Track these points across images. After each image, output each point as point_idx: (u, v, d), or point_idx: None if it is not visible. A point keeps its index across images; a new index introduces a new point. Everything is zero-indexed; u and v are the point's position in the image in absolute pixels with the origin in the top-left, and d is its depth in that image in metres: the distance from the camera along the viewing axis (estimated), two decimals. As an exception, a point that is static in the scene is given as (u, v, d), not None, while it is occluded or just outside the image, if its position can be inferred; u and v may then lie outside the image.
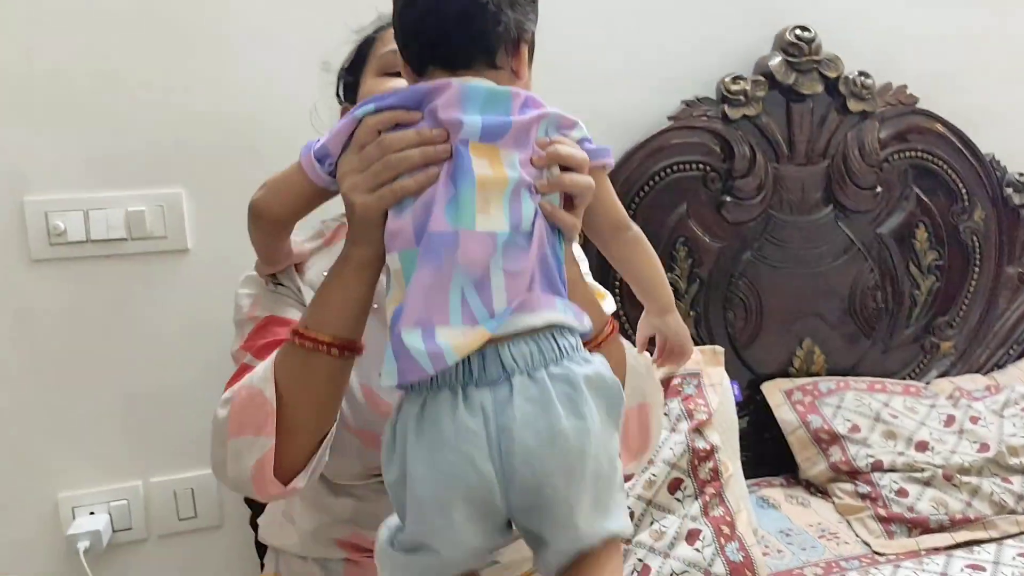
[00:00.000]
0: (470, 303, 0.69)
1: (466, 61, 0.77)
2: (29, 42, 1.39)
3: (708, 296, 1.73)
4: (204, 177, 1.49)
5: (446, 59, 0.77)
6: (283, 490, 0.85)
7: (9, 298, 1.43)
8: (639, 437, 0.95)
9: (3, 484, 1.46)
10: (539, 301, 0.72)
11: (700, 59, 1.72)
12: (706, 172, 1.69)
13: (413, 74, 0.80)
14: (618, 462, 0.74)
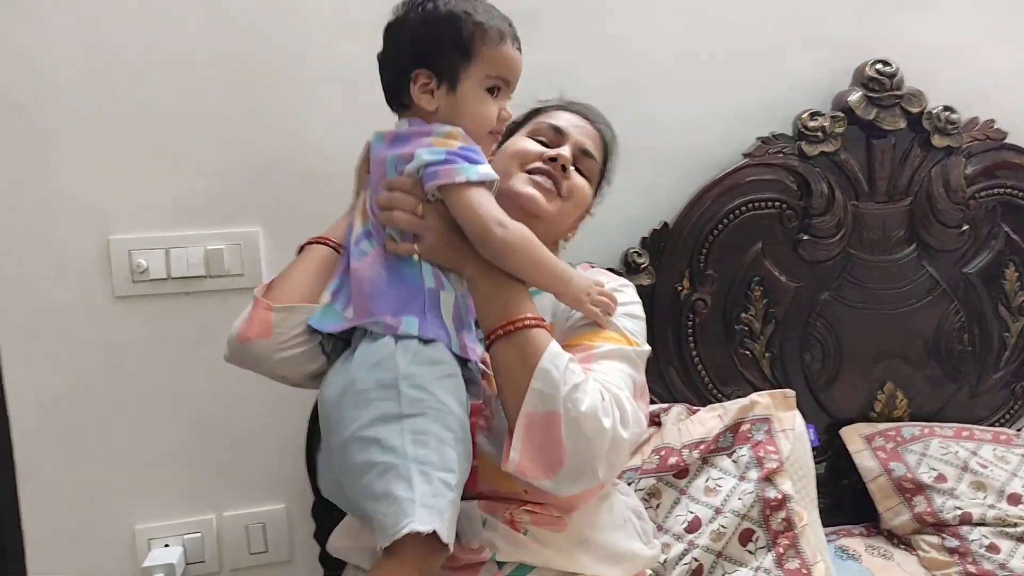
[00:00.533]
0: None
1: (394, 107, 1.12)
2: (114, 87, 1.45)
3: (784, 337, 1.68)
4: (279, 216, 1.52)
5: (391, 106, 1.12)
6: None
7: (95, 333, 1.48)
8: (547, 448, 0.96)
9: (83, 514, 1.49)
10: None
11: (776, 95, 1.69)
12: (782, 210, 1.65)
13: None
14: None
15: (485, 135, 1.08)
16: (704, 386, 1.64)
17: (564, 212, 1.18)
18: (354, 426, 0.94)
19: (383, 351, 0.97)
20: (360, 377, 0.97)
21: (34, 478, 1.47)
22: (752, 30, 1.69)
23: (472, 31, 1.04)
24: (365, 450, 0.92)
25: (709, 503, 1.36)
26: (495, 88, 1.07)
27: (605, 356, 1.06)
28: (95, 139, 1.45)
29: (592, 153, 1.22)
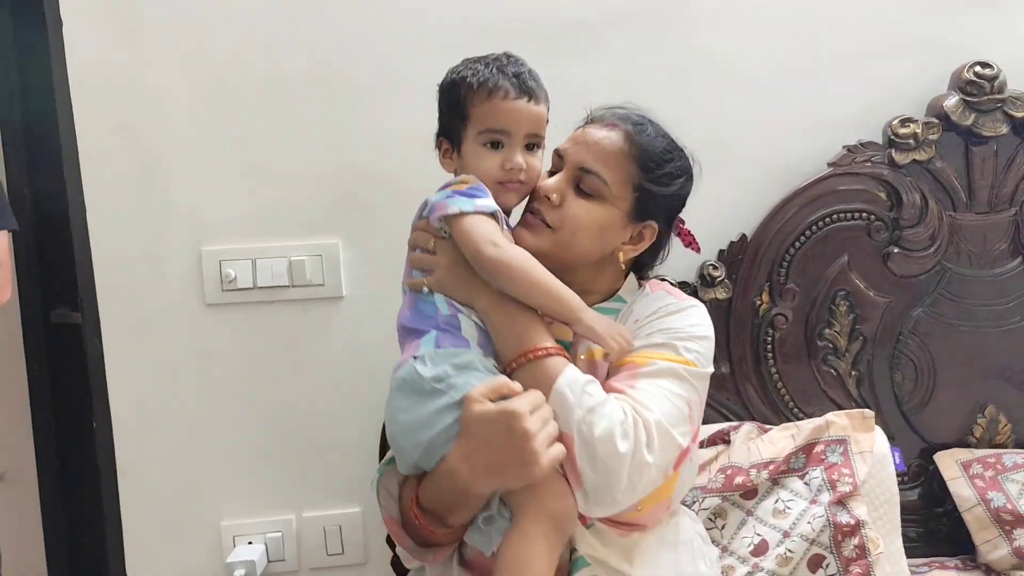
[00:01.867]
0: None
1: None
2: (213, 107, 1.54)
3: (873, 355, 1.60)
4: (358, 228, 1.57)
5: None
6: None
7: (188, 339, 1.57)
8: (567, 469, 1.00)
9: (175, 509, 1.59)
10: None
11: (865, 102, 1.62)
12: (870, 221, 1.57)
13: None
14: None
15: (495, 186, 1.11)
16: (784, 404, 1.58)
17: (563, 243, 1.11)
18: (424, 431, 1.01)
19: (406, 373, 1.04)
20: (398, 404, 1.04)
21: (133, 474, 1.58)
22: (841, 35, 1.62)
23: (465, 93, 1.11)
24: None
25: (777, 526, 1.31)
26: (495, 142, 1.10)
27: (650, 375, 1.04)
28: (193, 156, 1.55)
29: (592, 168, 1.11)
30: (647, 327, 1.11)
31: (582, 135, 1.16)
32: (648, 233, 1.16)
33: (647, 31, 1.60)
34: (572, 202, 1.12)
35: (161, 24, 1.52)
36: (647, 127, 1.15)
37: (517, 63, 1.13)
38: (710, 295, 1.56)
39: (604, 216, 1.12)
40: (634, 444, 0.96)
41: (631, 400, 1.01)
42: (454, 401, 0.99)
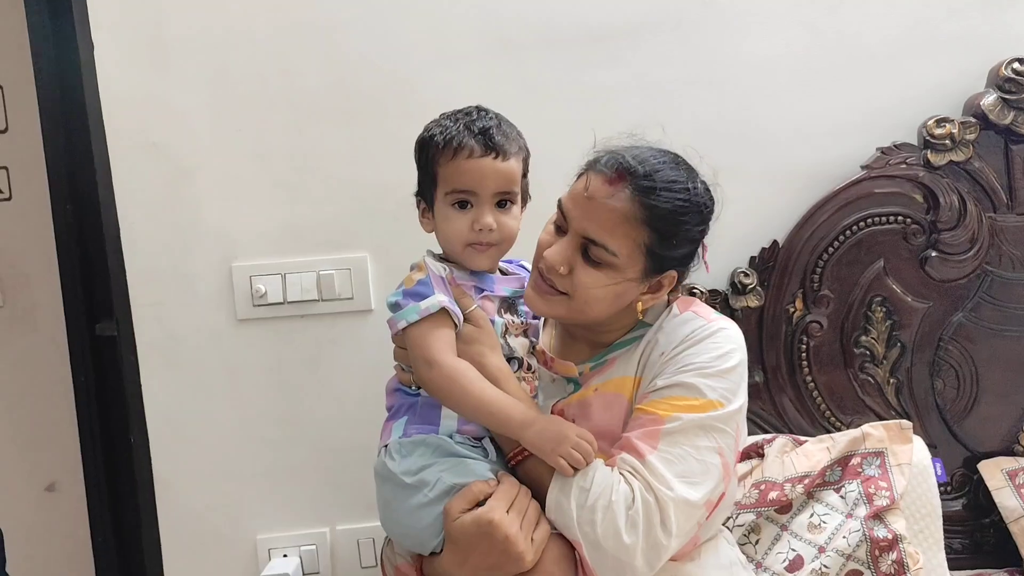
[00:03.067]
0: None
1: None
2: (239, 127, 1.56)
3: (912, 362, 1.56)
4: (386, 242, 1.58)
5: None
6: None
7: (219, 354, 1.59)
8: (585, 564, 1.00)
9: (211, 522, 1.61)
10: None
11: (899, 102, 1.57)
12: (906, 225, 1.53)
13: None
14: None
15: (465, 249, 1.11)
16: (820, 413, 1.55)
17: (578, 309, 1.08)
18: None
19: (380, 466, 1.11)
20: (382, 496, 1.11)
21: (169, 488, 1.60)
22: (872, 33, 1.59)
23: (432, 153, 1.11)
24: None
25: (812, 541, 1.28)
26: (463, 202, 1.09)
27: (673, 433, 1.02)
28: (221, 175, 1.57)
29: (598, 240, 1.04)
30: (673, 362, 1.07)
31: (585, 197, 1.06)
32: (667, 281, 1.11)
33: (672, 37, 1.57)
34: (581, 271, 1.07)
35: (187, 46, 1.55)
36: (656, 183, 1.04)
37: (486, 117, 1.11)
38: (741, 303, 1.53)
39: (616, 283, 1.07)
40: (645, 529, 0.97)
41: (647, 473, 0.99)
42: (429, 499, 1.02)
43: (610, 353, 1.15)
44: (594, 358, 1.16)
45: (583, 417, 1.11)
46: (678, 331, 1.10)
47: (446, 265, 1.13)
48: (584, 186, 1.07)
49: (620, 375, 1.12)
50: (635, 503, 0.97)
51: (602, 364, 1.15)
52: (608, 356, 1.14)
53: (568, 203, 1.09)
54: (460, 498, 1.00)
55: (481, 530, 0.97)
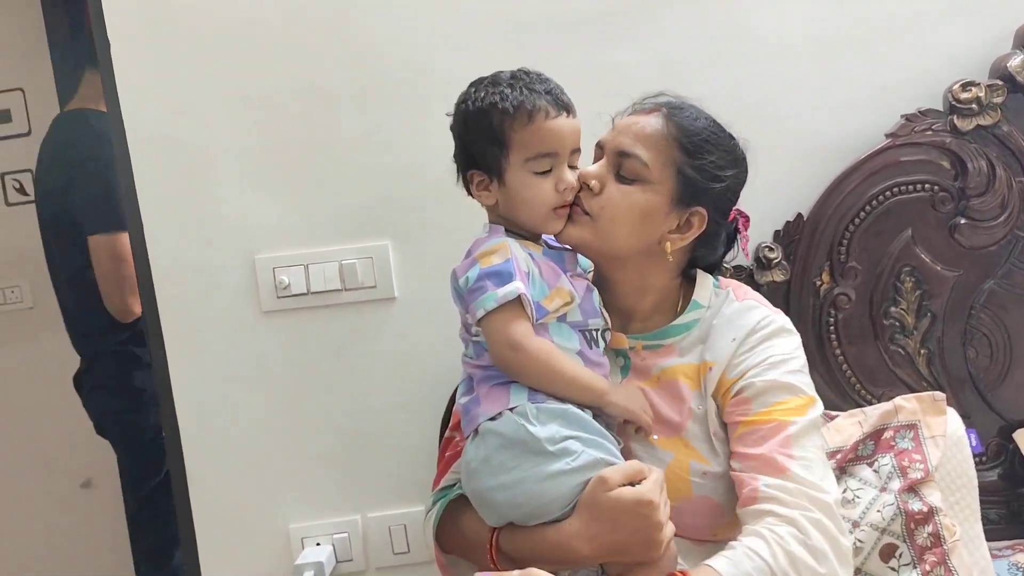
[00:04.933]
0: None
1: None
2: (257, 118, 1.56)
3: (943, 332, 1.53)
4: (407, 229, 1.58)
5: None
6: None
7: (245, 346, 1.59)
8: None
9: (243, 513, 1.62)
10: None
11: (922, 68, 1.54)
12: (934, 192, 1.51)
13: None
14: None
15: (549, 213, 1.09)
16: (851, 387, 1.53)
17: (602, 231, 1.09)
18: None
19: (511, 428, 1.04)
20: (499, 460, 1.04)
21: (201, 480, 1.61)
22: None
23: (501, 120, 1.06)
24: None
25: (846, 516, 1.26)
26: (545, 170, 1.07)
27: (800, 436, 1.03)
28: (241, 167, 1.57)
29: (632, 151, 1.09)
30: (756, 352, 1.09)
31: (621, 123, 1.14)
32: (696, 220, 1.11)
33: (689, 11, 1.55)
34: (612, 188, 1.10)
35: (202, 39, 1.55)
36: (686, 109, 1.13)
37: (542, 79, 1.10)
38: (767, 278, 1.52)
39: (645, 200, 1.09)
40: (831, 548, 0.97)
41: (799, 486, 0.99)
42: (570, 468, 0.99)
43: (667, 338, 1.14)
44: (646, 335, 1.15)
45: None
46: (745, 317, 1.11)
47: (526, 248, 1.10)
48: (626, 119, 1.14)
49: (683, 362, 1.12)
50: (809, 533, 0.96)
51: (658, 348, 1.14)
52: (666, 341, 1.14)
53: (605, 135, 1.15)
54: (618, 471, 0.99)
55: (639, 508, 0.96)
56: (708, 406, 1.09)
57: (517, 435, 1.01)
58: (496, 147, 1.07)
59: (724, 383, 1.08)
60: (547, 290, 1.07)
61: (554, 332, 1.07)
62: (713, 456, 1.08)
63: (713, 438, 1.08)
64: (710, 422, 1.08)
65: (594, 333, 1.11)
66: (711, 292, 1.16)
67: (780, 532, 0.96)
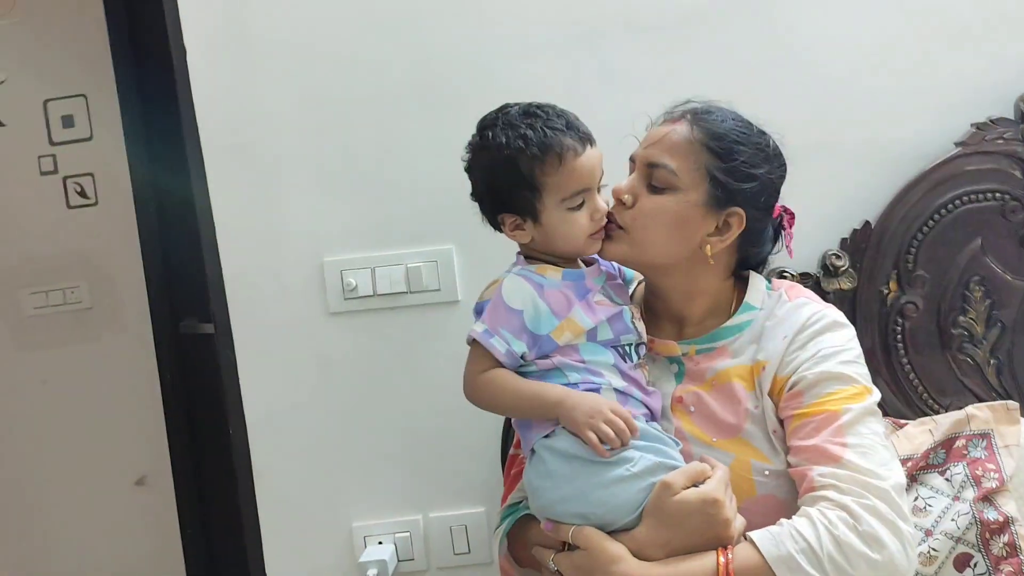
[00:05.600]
0: None
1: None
2: (325, 124, 1.60)
3: (1013, 342, 1.51)
4: (471, 234, 1.56)
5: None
6: None
7: (312, 347, 1.63)
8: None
9: (308, 510, 1.65)
10: None
11: (991, 74, 1.53)
12: (1004, 201, 1.49)
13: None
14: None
15: (587, 240, 1.11)
16: (918, 396, 1.52)
17: (637, 242, 1.11)
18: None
19: (567, 444, 1.06)
20: (559, 472, 1.07)
21: (267, 477, 1.65)
22: (964, 7, 1.54)
23: (531, 166, 1.07)
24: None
25: (919, 524, 1.26)
26: (578, 205, 1.09)
27: (854, 423, 1.03)
28: (309, 172, 1.61)
29: (659, 161, 1.10)
30: (805, 349, 1.09)
31: (650, 135, 1.16)
32: (735, 221, 1.12)
33: (755, 17, 1.56)
34: (644, 199, 1.11)
35: (273, 47, 1.59)
36: (713, 112, 1.13)
37: (559, 113, 1.11)
38: (834, 286, 1.51)
39: (677, 207, 1.10)
40: (889, 532, 0.97)
41: (853, 473, 0.99)
42: (631, 474, 1.01)
43: (719, 340, 1.15)
44: (699, 339, 1.16)
45: (702, 409, 1.12)
46: (796, 315, 1.12)
47: (533, 280, 1.11)
48: (656, 129, 1.16)
49: (736, 363, 1.12)
50: (861, 519, 0.96)
51: (711, 351, 1.15)
52: (718, 343, 1.15)
53: (636, 151, 1.16)
54: (681, 475, 1.00)
55: (704, 508, 0.98)
56: (765, 405, 1.09)
57: (573, 448, 1.04)
58: (528, 191, 1.09)
59: (778, 381, 1.09)
60: (556, 322, 1.09)
61: (585, 351, 1.09)
62: (774, 454, 1.08)
63: (772, 436, 1.09)
64: (768, 421, 1.09)
65: (627, 348, 1.12)
66: (763, 294, 1.17)
67: (830, 516, 0.97)
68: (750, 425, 1.09)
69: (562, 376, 1.08)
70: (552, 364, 1.09)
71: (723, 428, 1.10)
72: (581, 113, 1.20)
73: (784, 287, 1.18)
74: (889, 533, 0.96)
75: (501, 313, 1.08)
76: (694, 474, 1.02)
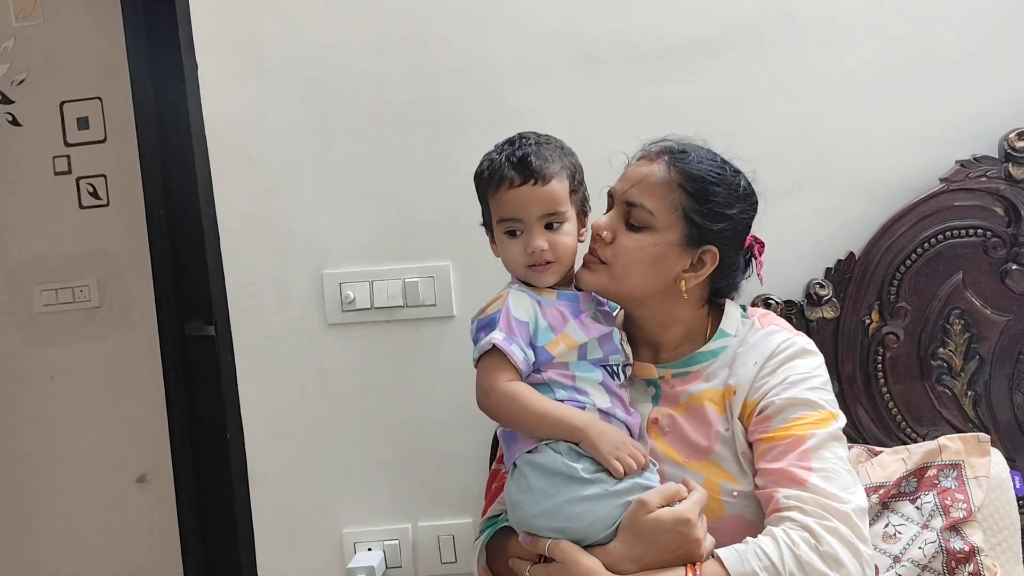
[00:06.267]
0: None
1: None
2: (330, 140, 1.65)
3: (991, 375, 1.55)
4: (467, 251, 1.64)
5: None
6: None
7: (311, 357, 1.68)
8: None
9: (301, 515, 1.70)
10: None
11: (978, 113, 1.57)
12: (986, 238, 1.53)
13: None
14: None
15: (525, 271, 1.17)
16: (896, 425, 1.55)
17: (617, 276, 1.16)
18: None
19: (549, 460, 1.10)
20: (539, 487, 1.11)
21: (263, 483, 1.70)
22: (952, 44, 1.58)
23: (482, 186, 1.19)
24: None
25: (887, 550, 1.30)
26: (512, 230, 1.16)
27: (819, 447, 1.08)
28: (313, 186, 1.66)
29: (638, 201, 1.15)
30: (775, 375, 1.14)
31: (629, 172, 1.20)
32: (708, 258, 1.17)
33: (752, 51, 1.60)
34: (623, 236, 1.16)
35: (283, 64, 1.64)
36: (689, 154, 1.18)
37: (526, 144, 1.16)
38: (817, 314, 1.55)
39: (654, 246, 1.15)
40: (847, 553, 1.01)
41: (817, 497, 1.04)
42: (609, 492, 1.06)
43: (694, 364, 1.19)
44: (675, 363, 1.20)
45: (675, 431, 1.17)
46: (767, 342, 1.17)
47: (533, 296, 1.17)
48: (629, 167, 1.21)
49: (708, 387, 1.17)
50: (822, 540, 1.01)
51: (686, 375, 1.19)
52: (692, 368, 1.19)
53: (615, 184, 1.21)
54: (657, 494, 1.05)
55: (677, 527, 1.03)
56: (735, 428, 1.14)
57: (554, 465, 1.08)
58: (484, 208, 1.22)
59: (748, 405, 1.14)
60: (552, 335, 1.14)
61: (575, 368, 1.14)
62: (742, 476, 1.13)
63: (741, 458, 1.13)
64: (738, 443, 1.14)
65: (615, 368, 1.17)
66: (738, 322, 1.22)
67: (793, 536, 1.01)
68: (720, 447, 1.14)
69: (550, 391, 1.13)
70: (542, 379, 1.13)
71: (695, 450, 1.15)
72: (577, 138, 1.27)
73: (757, 315, 1.24)
74: (849, 554, 1.00)
75: (513, 324, 1.13)
76: (669, 494, 1.06)
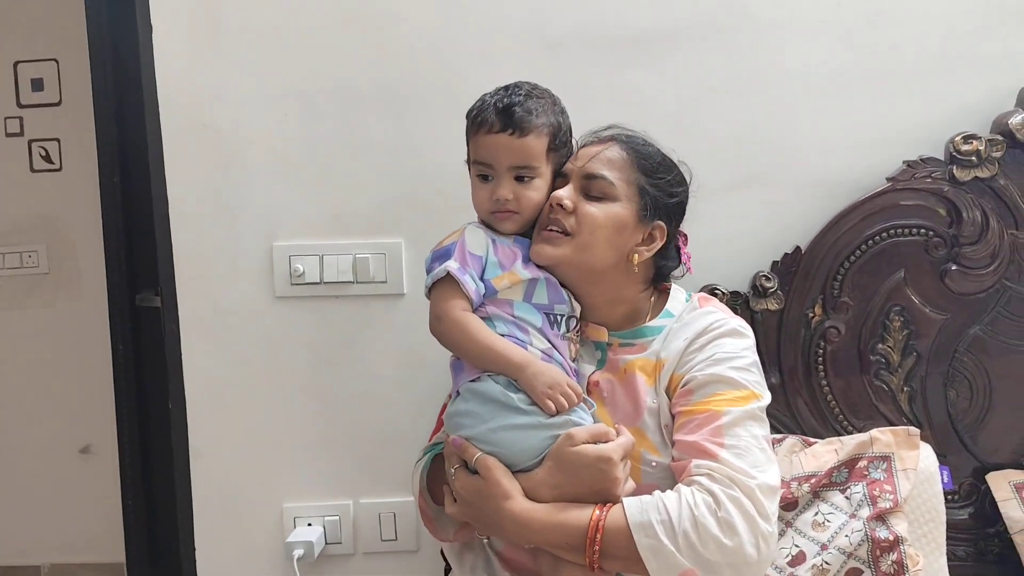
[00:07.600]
0: None
1: None
2: (287, 113, 1.63)
3: (927, 372, 1.59)
4: (421, 230, 1.63)
5: None
6: None
7: (256, 329, 1.66)
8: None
9: (241, 489, 1.69)
10: None
11: (929, 118, 1.60)
12: (928, 237, 1.56)
13: None
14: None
15: (489, 216, 1.20)
16: (834, 417, 1.59)
17: (583, 245, 1.17)
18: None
19: (487, 388, 1.13)
20: (476, 412, 1.14)
21: (204, 456, 1.68)
22: (906, 49, 1.61)
23: (467, 125, 1.20)
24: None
25: (816, 538, 1.33)
26: (484, 175, 1.18)
27: (734, 424, 1.10)
28: (267, 158, 1.64)
29: (599, 173, 1.19)
30: (701, 352, 1.17)
31: (583, 152, 1.23)
32: (659, 233, 1.22)
33: (710, 44, 1.61)
34: (585, 205, 1.19)
35: (242, 36, 1.62)
36: (637, 137, 1.24)
37: (516, 93, 1.18)
38: (761, 305, 1.58)
39: (617, 214, 1.19)
40: (745, 525, 1.02)
41: (726, 469, 1.06)
42: (540, 424, 1.09)
43: (639, 338, 1.22)
44: (623, 333, 1.23)
45: (612, 396, 1.20)
46: (699, 321, 1.20)
47: (488, 234, 1.20)
48: (584, 149, 1.23)
49: (642, 358, 1.20)
50: (722, 506, 1.03)
51: (631, 346, 1.22)
52: (638, 340, 1.22)
53: (567, 165, 1.23)
54: (584, 431, 1.08)
55: (598, 463, 1.06)
56: (661, 400, 1.17)
57: (493, 393, 1.11)
58: (468, 146, 1.23)
59: (674, 379, 1.17)
60: (499, 271, 1.17)
61: (518, 308, 1.16)
62: (663, 447, 1.16)
63: (663, 431, 1.16)
64: (662, 415, 1.17)
65: (558, 317, 1.20)
66: (683, 305, 1.26)
67: (696, 498, 1.04)
68: (647, 417, 1.17)
69: (491, 325, 1.15)
70: (485, 314, 1.16)
71: (625, 416, 1.17)
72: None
73: (698, 297, 1.27)
74: (745, 525, 1.02)
75: (467, 256, 1.15)
76: (597, 433, 1.10)
